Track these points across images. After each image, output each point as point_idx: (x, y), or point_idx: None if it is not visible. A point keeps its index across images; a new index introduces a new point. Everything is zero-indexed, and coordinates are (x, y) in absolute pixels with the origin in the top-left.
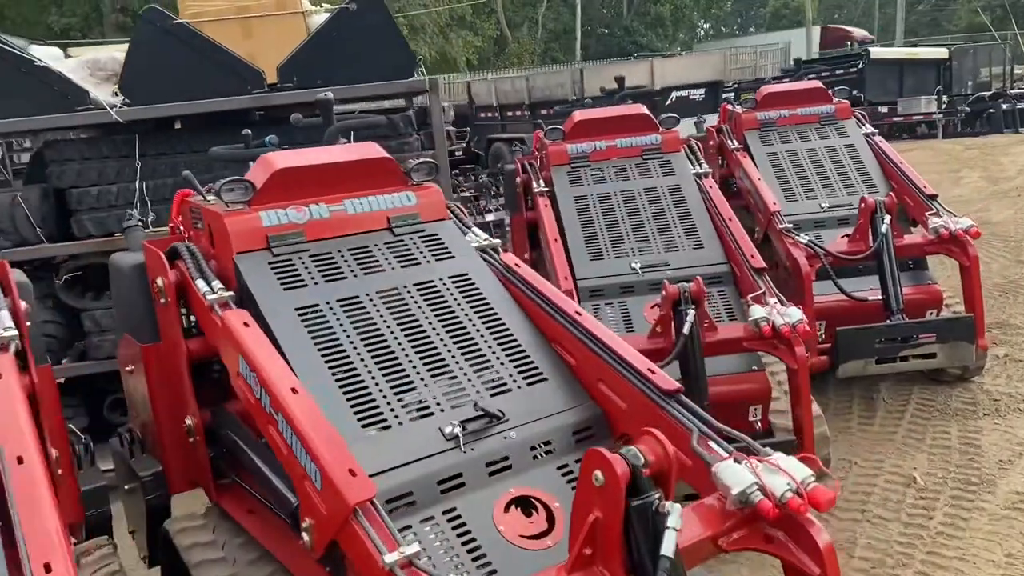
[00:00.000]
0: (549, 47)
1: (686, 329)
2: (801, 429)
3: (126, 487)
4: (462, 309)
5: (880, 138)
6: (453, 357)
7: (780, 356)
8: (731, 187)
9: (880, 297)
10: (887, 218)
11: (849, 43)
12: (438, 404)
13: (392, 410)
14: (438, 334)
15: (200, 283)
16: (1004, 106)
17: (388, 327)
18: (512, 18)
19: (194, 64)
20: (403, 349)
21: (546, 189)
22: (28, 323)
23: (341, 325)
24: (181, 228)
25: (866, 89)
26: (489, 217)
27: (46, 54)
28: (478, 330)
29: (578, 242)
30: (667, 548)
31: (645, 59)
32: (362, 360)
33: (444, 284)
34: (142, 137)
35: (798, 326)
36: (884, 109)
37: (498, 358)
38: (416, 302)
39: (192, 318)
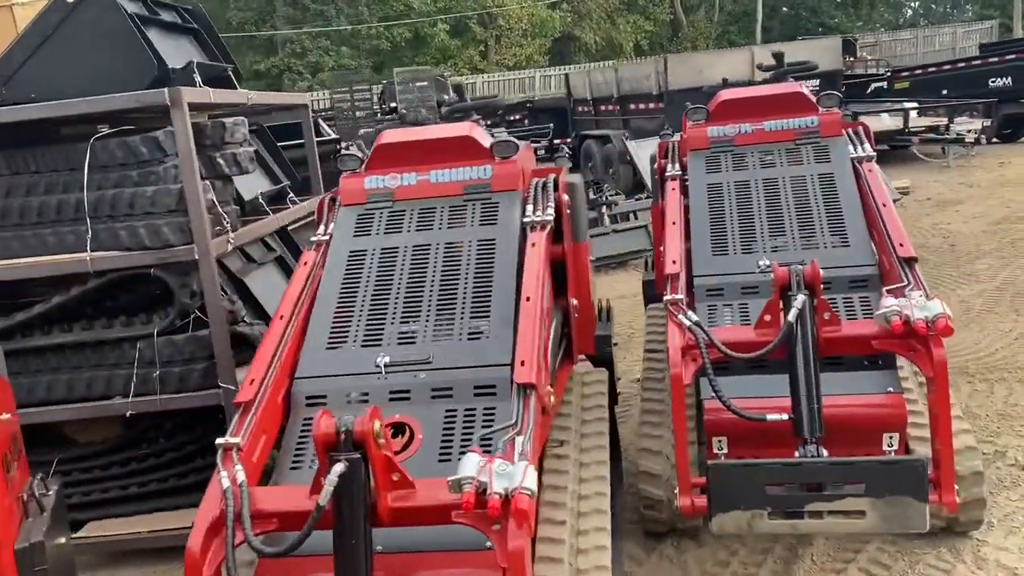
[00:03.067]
0: (727, 30)
1: None
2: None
3: None
4: None
5: (872, 165)
6: None
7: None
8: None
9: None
10: (800, 298)
11: None
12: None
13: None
14: None
15: None
16: None
17: None
18: (687, 0)
19: None
20: None
21: (325, 238)
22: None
23: None
24: None
25: None
26: None
27: None
28: None
29: (322, 317)
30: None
31: (744, 47)
32: None
33: None
34: None
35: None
36: None
37: None
38: None
39: None
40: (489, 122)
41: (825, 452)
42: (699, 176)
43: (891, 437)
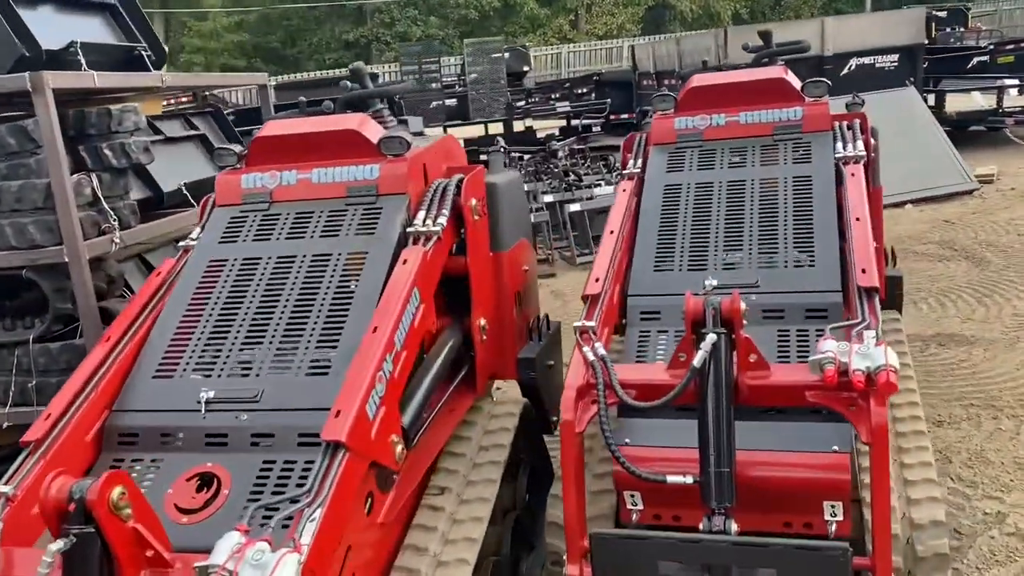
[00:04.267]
0: None
1: None
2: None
3: None
4: None
5: (857, 167)
6: None
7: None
8: None
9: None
10: (710, 337)
11: None
12: None
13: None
14: None
15: None
16: None
17: None
18: None
19: None
20: None
21: (193, 243)
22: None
23: None
24: None
25: None
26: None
27: None
28: None
29: (159, 338)
30: None
31: (813, 19)
32: None
33: None
34: None
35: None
36: None
37: None
38: None
39: None
40: (557, 95)
41: (735, 525)
42: (657, 175)
43: (833, 506)
